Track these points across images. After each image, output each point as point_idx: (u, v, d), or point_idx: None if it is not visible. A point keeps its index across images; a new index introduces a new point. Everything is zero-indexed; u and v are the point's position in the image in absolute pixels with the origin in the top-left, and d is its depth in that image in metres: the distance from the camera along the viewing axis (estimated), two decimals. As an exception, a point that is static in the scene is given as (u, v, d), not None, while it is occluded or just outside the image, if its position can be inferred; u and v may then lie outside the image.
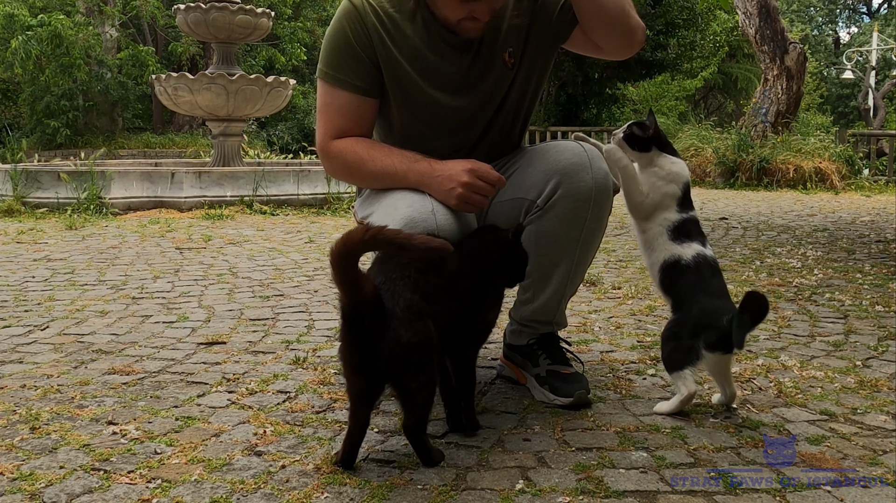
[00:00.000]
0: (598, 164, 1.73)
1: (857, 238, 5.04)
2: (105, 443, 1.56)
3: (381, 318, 1.36)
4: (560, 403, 1.78)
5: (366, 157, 1.74)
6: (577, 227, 1.75)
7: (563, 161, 1.73)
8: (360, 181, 1.85)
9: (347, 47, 1.72)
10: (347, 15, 1.72)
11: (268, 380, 1.98)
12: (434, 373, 1.44)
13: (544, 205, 1.74)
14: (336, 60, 1.74)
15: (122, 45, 16.62)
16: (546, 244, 1.76)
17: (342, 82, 1.74)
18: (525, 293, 1.87)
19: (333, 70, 1.74)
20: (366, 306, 1.35)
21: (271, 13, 7.95)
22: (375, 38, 1.71)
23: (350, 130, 1.76)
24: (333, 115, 1.76)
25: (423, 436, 1.45)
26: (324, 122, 1.78)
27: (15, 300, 2.97)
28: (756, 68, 19.24)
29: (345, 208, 6.59)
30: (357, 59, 1.72)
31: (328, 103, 1.77)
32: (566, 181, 1.71)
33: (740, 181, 10.24)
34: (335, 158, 1.78)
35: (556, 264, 1.79)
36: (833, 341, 2.39)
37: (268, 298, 3.04)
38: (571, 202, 1.72)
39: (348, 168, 1.78)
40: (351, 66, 1.73)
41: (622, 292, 3.15)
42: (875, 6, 40.58)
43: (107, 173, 6.34)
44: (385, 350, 1.36)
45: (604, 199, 1.74)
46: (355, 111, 1.76)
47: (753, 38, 11.60)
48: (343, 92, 1.74)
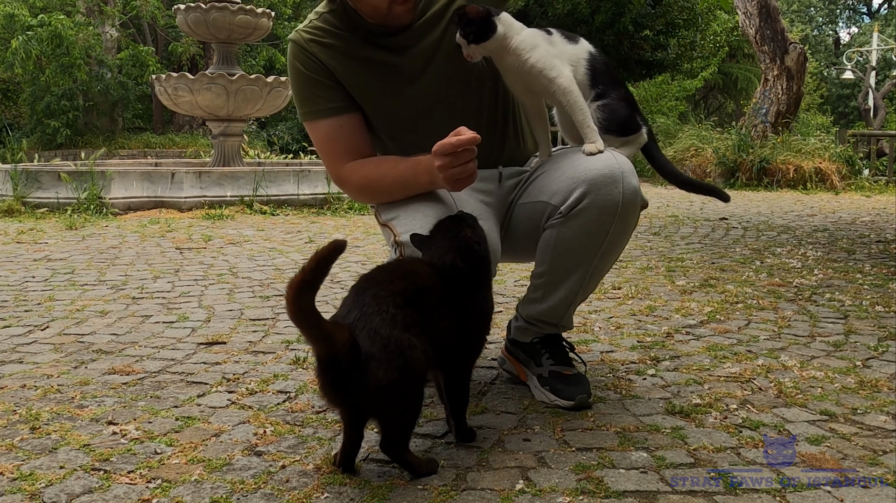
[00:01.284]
0: (629, 179, 1.69)
1: (857, 238, 5.04)
2: (105, 443, 1.56)
3: (357, 363, 1.29)
4: (561, 405, 1.78)
5: (376, 176, 1.77)
6: (598, 239, 1.72)
7: (593, 171, 1.68)
8: (382, 198, 1.81)
9: (306, 80, 1.78)
10: (293, 53, 1.79)
11: (268, 380, 1.98)
12: (417, 396, 1.38)
13: (568, 212, 1.70)
14: (304, 97, 1.80)
15: (123, 45, 16.61)
16: (564, 251, 1.74)
17: (318, 113, 1.79)
18: (535, 292, 1.85)
19: (307, 107, 1.80)
20: (341, 356, 1.29)
21: (271, 13, 7.95)
22: (323, 58, 1.76)
23: (349, 152, 1.79)
24: (328, 146, 1.80)
25: (405, 453, 1.40)
26: (326, 157, 1.82)
27: (15, 300, 2.97)
28: (756, 68, 19.24)
29: (345, 208, 6.59)
30: (319, 85, 1.77)
31: (320, 138, 1.81)
32: (594, 191, 1.67)
33: (740, 181, 10.24)
34: (351, 186, 1.82)
35: (571, 271, 1.77)
36: (833, 341, 2.39)
37: (268, 298, 3.04)
38: (596, 214, 1.68)
39: (366, 191, 1.82)
40: (318, 94, 1.78)
41: (622, 292, 3.15)
42: (875, 6, 40.58)
43: (107, 173, 6.34)
44: (365, 394, 1.31)
45: (630, 214, 1.72)
46: (343, 132, 1.79)
47: (753, 38, 11.59)
48: (324, 121, 1.79)
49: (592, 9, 14.92)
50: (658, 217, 6.26)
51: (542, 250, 1.78)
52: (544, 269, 1.79)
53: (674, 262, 3.93)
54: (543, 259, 1.78)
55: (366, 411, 1.37)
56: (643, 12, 15.05)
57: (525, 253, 1.87)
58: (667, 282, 3.40)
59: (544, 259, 1.78)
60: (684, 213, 6.59)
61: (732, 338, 2.43)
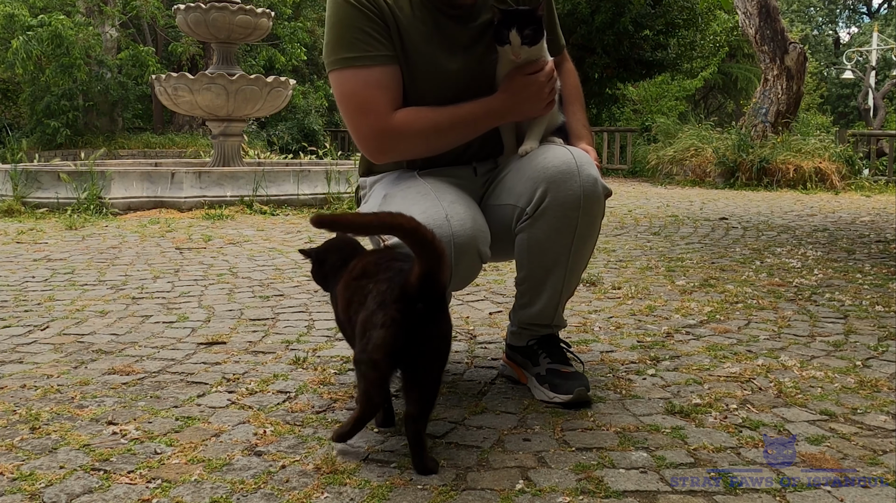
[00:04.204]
0: (586, 171, 1.69)
1: (857, 238, 5.04)
2: (105, 443, 1.56)
3: (443, 303, 1.39)
4: (560, 401, 1.78)
5: (437, 118, 1.70)
6: (567, 235, 1.72)
7: (550, 168, 1.69)
8: (438, 144, 1.76)
9: (362, 18, 1.64)
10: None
11: (268, 380, 1.98)
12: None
13: (533, 213, 1.71)
14: (355, 40, 1.65)
15: (122, 45, 16.60)
16: (538, 252, 1.75)
17: (372, 59, 1.65)
18: (522, 298, 1.87)
19: (356, 51, 1.65)
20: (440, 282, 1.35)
21: (271, 13, 7.95)
22: (382, 4, 1.68)
23: (397, 103, 1.69)
24: (377, 93, 1.66)
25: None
26: (368, 105, 1.67)
27: (15, 300, 2.97)
28: (756, 68, 19.24)
29: (345, 208, 6.59)
30: (376, 28, 1.66)
31: (362, 84, 1.66)
32: (553, 189, 1.68)
33: (740, 181, 10.23)
34: (406, 132, 1.69)
35: (550, 271, 1.78)
36: (833, 341, 2.39)
37: (268, 298, 3.04)
38: (560, 210, 1.69)
39: (425, 134, 1.71)
40: (373, 38, 1.65)
41: (622, 292, 3.15)
42: (875, 6, 40.58)
43: (107, 173, 6.34)
44: (437, 339, 1.39)
45: (593, 206, 1.71)
46: (395, 83, 1.69)
47: (753, 38, 11.59)
48: (376, 68, 1.66)
49: (592, 9, 14.91)
50: (658, 217, 6.26)
51: (519, 255, 1.79)
52: (525, 274, 1.81)
53: (674, 262, 3.93)
54: (522, 264, 1.80)
55: (432, 361, 1.40)
56: (643, 12, 15.04)
57: (503, 253, 1.88)
58: (667, 281, 3.40)
59: (523, 264, 1.79)
60: (684, 213, 6.59)
61: (732, 338, 2.43)
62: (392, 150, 1.75)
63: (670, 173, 11.27)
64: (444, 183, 1.76)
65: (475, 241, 1.63)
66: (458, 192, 1.75)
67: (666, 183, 10.90)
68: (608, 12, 14.78)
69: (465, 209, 1.66)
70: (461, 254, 1.62)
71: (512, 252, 1.82)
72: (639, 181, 11.62)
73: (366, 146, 1.74)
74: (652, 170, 11.67)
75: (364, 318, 1.40)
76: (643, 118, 15.72)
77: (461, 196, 1.73)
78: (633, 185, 10.77)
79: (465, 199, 1.73)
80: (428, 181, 1.75)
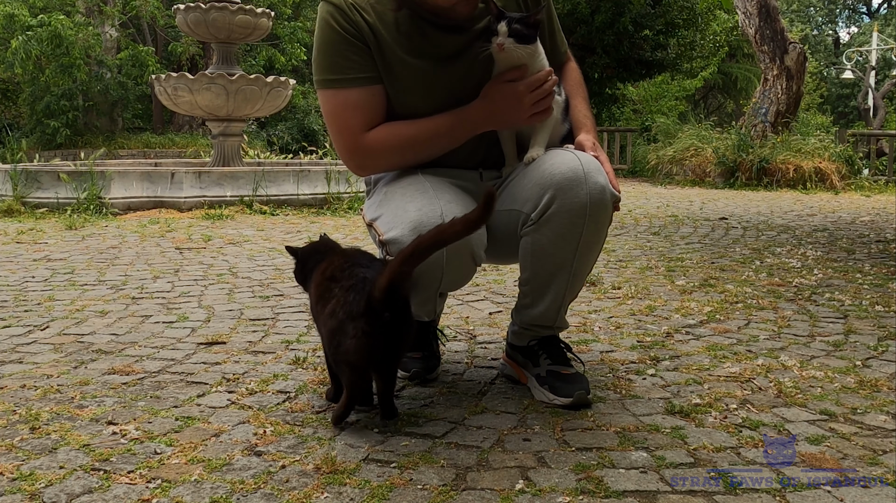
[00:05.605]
0: (594, 178, 1.68)
1: (857, 238, 5.04)
2: (105, 443, 1.56)
3: (407, 302, 1.56)
4: (560, 403, 1.77)
5: (410, 132, 1.73)
6: (573, 242, 1.71)
7: (557, 175, 1.68)
8: (415, 157, 1.78)
9: (342, 43, 1.70)
10: (330, 13, 1.71)
11: (268, 380, 1.98)
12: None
13: (538, 219, 1.71)
14: (334, 62, 1.71)
15: (122, 45, 16.60)
16: (542, 256, 1.75)
17: (349, 81, 1.71)
18: (525, 298, 1.87)
19: (335, 73, 1.71)
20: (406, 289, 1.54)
21: (271, 13, 7.95)
22: (363, 27, 1.70)
23: (372, 122, 1.74)
24: (352, 113, 1.72)
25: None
26: (344, 124, 1.74)
27: (15, 300, 2.97)
28: (756, 68, 19.25)
29: (345, 208, 6.59)
30: (355, 51, 1.70)
31: (340, 105, 1.73)
32: (560, 196, 1.67)
33: (740, 181, 10.24)
34: (378, 149, 1.74)
35: (554, 275, 1.77)
36: (833, 341, 2.39)
37: (268, 298, 3.04)
38: (566, 217, 1.68)
39: (399, 150, 1.75)
40: (351, 61, 1.70)
41: (622, 292, 3.15)
42: (875, 6, 40.58)
43: (107, 173, 6.34)
44: (410, 330, 1.58)
45: (600, 213, 1.70)
46: (371, 102, 1.73)
47: (753, 38, 11.60)
48: (352, 90, 1.72)
49: (592, 9, 14.91)
50: (658, 217, 6.26)
51: (522, 257, 1.79)
52: (528, 276, 1.81)
53: (673, 262, 3.93)
54: (526, 266, 1.80)
55: (397, 355, 1.61)
56: (643, 12, 15.05)
57: (507, 256, 1.88)
58: (666, 281, 3.40)
59: (526, 266, 1.79)
60: (684, 213, 6.59)
61: (732, 337, 2.43)
62: (367, 167, 1.85)
63: (670, 173, 11.28)
64: (445, 183, 1.76)
65: (469, 243, 1.63)
66: (458, 193, 1.75)
67: (666, 183, 10.91)
68: (608, 12, 14.78)
69: (462, 210, 1.65)
70: (454, 255, 1.62)
71: (516, 256, 1.82)
72: (639, 181, 11.63)
73: (345, 163, 1.84)
74: (652, 170, 11.68)
75: (333, 326, 1.56)
76: (643, 118, 15.75)
77: (460, 196, 1.73)
78: (632, 184, 10.77)
79: (463, 199, 1.73)
80: (429, 179, 1.76)
